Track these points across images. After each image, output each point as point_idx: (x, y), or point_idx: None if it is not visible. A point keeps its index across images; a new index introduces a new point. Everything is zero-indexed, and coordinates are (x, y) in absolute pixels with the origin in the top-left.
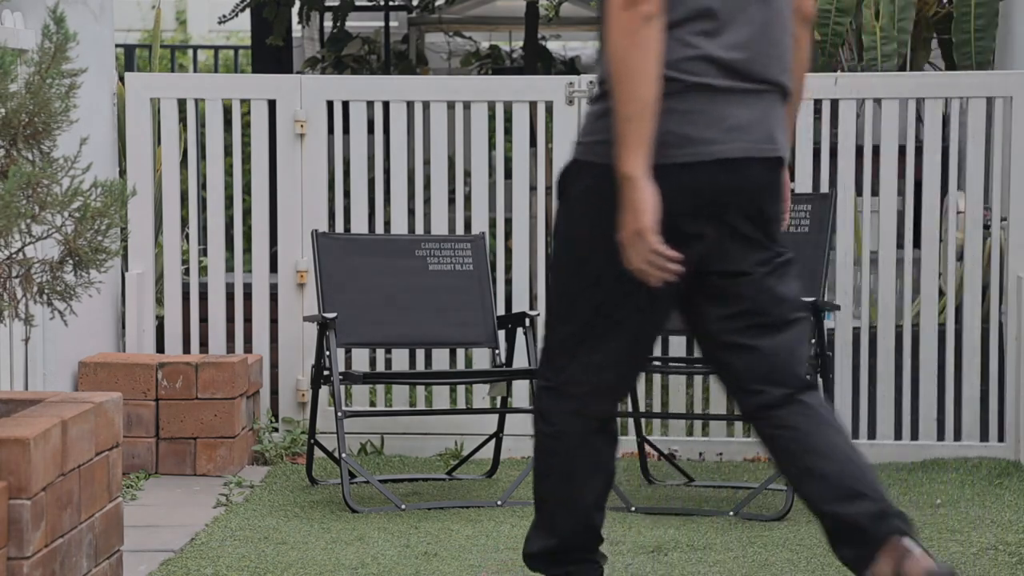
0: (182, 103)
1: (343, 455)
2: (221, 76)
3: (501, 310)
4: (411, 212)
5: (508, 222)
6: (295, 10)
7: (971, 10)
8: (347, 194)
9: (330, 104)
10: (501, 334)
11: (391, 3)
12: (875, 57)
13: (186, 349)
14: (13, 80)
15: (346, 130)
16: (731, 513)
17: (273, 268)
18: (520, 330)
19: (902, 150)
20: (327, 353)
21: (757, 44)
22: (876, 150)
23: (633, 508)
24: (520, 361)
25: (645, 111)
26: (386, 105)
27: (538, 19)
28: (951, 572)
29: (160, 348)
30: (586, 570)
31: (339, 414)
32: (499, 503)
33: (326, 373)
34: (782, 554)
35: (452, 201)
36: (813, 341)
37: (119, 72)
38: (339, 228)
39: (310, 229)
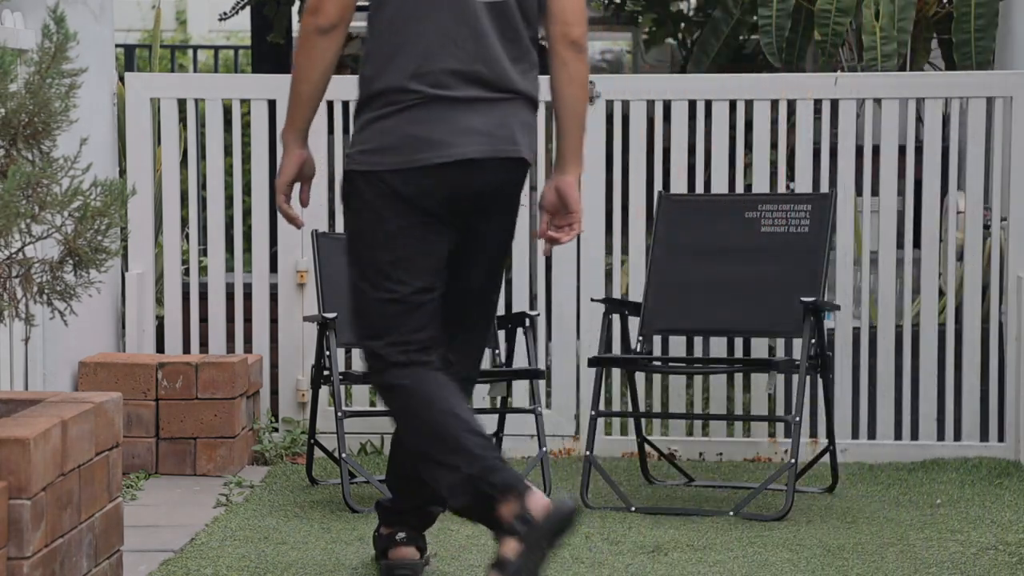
0: (182, 103)
1: (343, 455)
2: (221, 76)
3: (500, 310)
4: None
5: None
6: (295, 8)
7: (971, 10)
8: None
9: (330, 104)
10: (501, 334)
11: None
12: (875, 57)
13: (186, 349)
14: (13, 80)
15: (346, 130)
16: (731, 513)
17: (273, 268)
18: (520, 330)
19: (902, 150)
20: (327, 353)
21: (492, 58)
22: (876, 150)
23: (633, 508)
24: (520, 361)
25: (300, 102)
26: None
27: None
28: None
29: (160, 348)
30: (520, 503)
31: (339, 414)
32: None
33: (326, 373)
34: (782, 554)
35: None
36: (813, 341)
37: (119, 72)
38: (339, 228)
39: (310, 229)
